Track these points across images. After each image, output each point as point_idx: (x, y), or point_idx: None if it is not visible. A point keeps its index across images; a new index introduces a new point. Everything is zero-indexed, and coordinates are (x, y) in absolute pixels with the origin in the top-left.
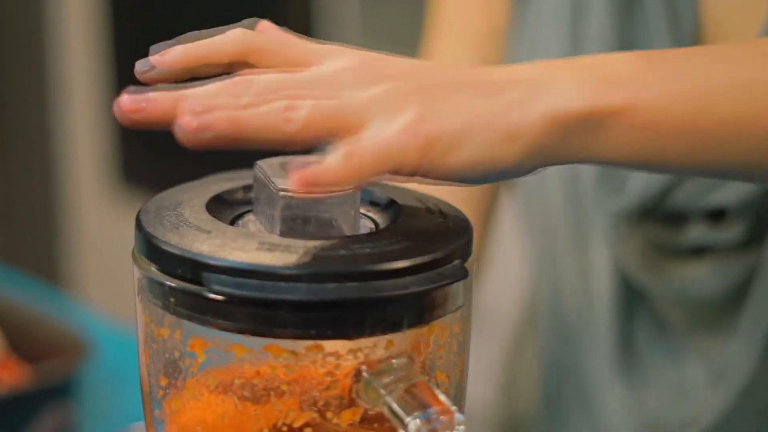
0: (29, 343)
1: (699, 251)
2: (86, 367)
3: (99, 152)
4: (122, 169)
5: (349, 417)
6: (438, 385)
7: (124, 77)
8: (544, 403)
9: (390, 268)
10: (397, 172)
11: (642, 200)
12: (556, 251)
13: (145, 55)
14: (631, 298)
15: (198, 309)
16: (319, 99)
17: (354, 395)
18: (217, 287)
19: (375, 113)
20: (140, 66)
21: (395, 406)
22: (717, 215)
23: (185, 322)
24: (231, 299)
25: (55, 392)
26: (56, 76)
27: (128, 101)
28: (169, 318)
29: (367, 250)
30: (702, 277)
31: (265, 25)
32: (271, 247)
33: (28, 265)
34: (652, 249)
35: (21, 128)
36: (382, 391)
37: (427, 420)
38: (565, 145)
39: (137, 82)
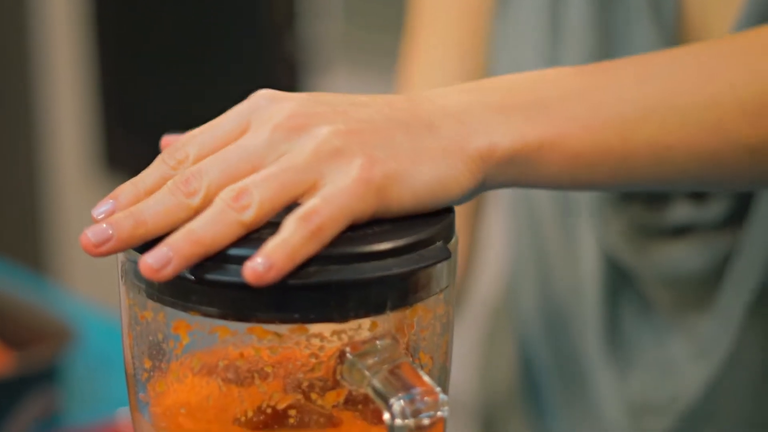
0: (13, 329)
1: (681, 231)
2: (71, 353)
3: (82, 139)
4: (105, 155)
5: (333, 398)
6: (422, 367)
7: (106, 63)
8: (525, 387)
9: (372, 250)
10: (357, 220)
11: None
12: (541, 234)
13: (128, 44)
14: (617, 280)
15: (181, 293)
16: (264, 172)
17: (338, 377)
18: (199, 272)
19: (322, 165)
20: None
21: (379, 387)
22: (699, 194)
23: (167, 302)
24: (213, 284)
25: (40, 378)
26: (39, 63)
27: (92, 237)
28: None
29: (349, 232)
30: (684, 256)
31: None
32: (253, 231)
33: (12, 251)
34: (636, 230)
35: (3, 115)
36: (367, 373)
37: (411, 401)
38: (502, 176)
39: (119, 66)
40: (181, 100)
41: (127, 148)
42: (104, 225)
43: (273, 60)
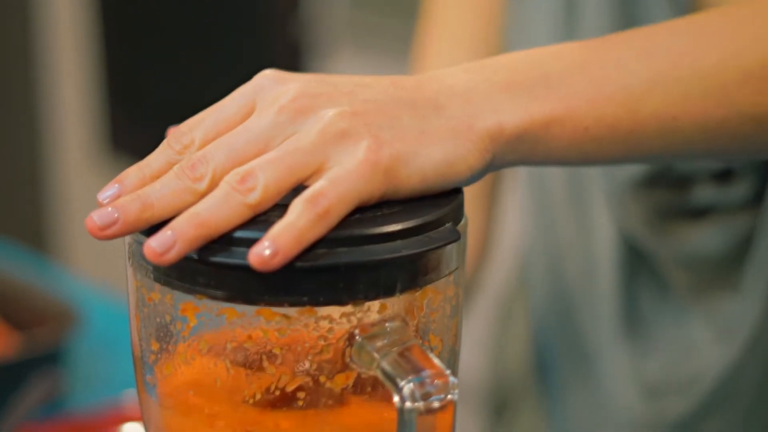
0: (18, 312)
1: (703, 212)
2: (75, 336)
3: (86, 122)
4: (109, 136)
5: (342, 381)
6: (432, 349)
7: (110, 45)
8: (537, 370)
9: (381, 232)
10: (364, 203)
11: (650, 167)
12: (555, 217)
13: (132, 28)
14: (634, 262)
15: (188, 276)
16: (269, 155)
17: (347, 359)
18: (206, 254)
19: (328, 147)
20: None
21: (389, 370)
22: (723, 175)
23: (174, 285)
24: (221, 267)
25: (44, 360)
26: (42, 44)
27: (98, 220)
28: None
29: (357, 214)
30: (706, 237)
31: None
32: (261, 214)
33: (17, 234)
34: (656, 212)
35: (8, 98)
36: (376, 355)
37: (421, 383)
38: (510, 154)
39: (123, 50)
40: (185, 83)
41: (130, 131)
42: (110, 208)
43: (277, 43)
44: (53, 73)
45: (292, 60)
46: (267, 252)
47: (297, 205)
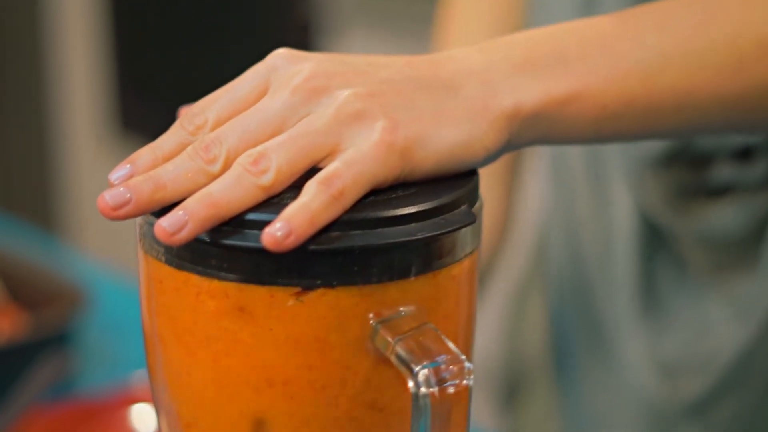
0: (26, 292)
1: (723, 191)
2: (84, 316)
3: (96, 101)
4: (119, 117)
5: None
6: (446, 334)
7: (120, 24)
8: (553, 351)
9: (396, 215)
10: (379, 185)
11: (669, 144)
12: (573, 196)
13: (143, 6)
14: (653, 241)
15: (199, 258)
16: (283, 137)
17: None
18: (219, 236)
19: (343, 129)
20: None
21: (404, 355)
22: (743, 154)
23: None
24: (233, 249)
25: (53, 341)
26: (52, 23)
27: (110, 201)
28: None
29: (372, 197)
30: (726, 216)
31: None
32: (274, 196)
33: (26, 213)
34: (676, 191)
35: (17, 76)
36: (390, 340)
37: (437, 369)
38: (527, 133)
39: (133, 29)
40: (194, 63)
41: (140, 110)
42: (122, 188)
43: (287, 23)
44: (62, 52)
45: (301, 39)
46: (280, 233)
47: (311, 187)
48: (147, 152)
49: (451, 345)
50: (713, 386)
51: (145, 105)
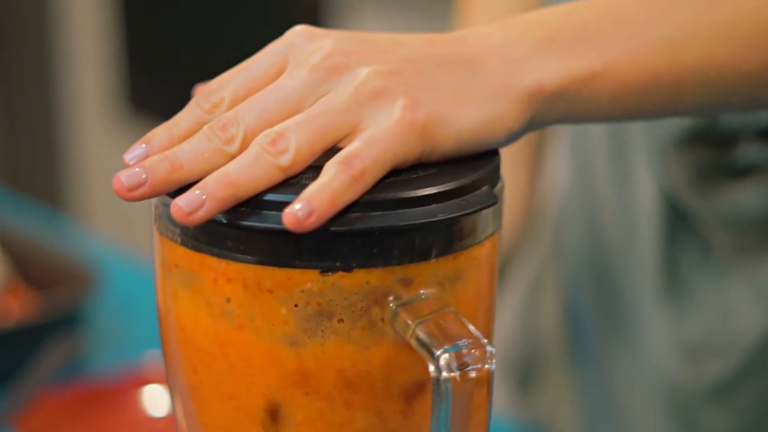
0: (37, 272)
1: (747, 171)
2: (95, 296)
3: (105, 79)
4: (129, 96)
5: None
6: (467, 317)
7: (130, 2)
8: (571, 333)
9: (416, 195)
10: (400, 165)
11: (694, 123)
12: (594, 177)
13: None
14: (676, 222)
15: (216, 240)
16: (302, 116)
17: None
18: (236, 217)
19: (363, 108)
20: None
21: (424, 339)
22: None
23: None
24: (251, 230)
25: (64, 321)
26: (61, 3)
27: (125, 181)
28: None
29: (392, 177)
30: (749, 197)
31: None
32: (293, 176)
33: (36, 193)
34: (699, 171)
35: (26, 55)
36: (410, 323)
37: (458, 353)
38: (549, 112)
39: (143, 7)
40: (204, 42)
41: (150, 89)
42: (138, 169)
43: (298, 1)
44: (72, 31)
45: (312, 18)
46: (301, 213)
47: (331, 167)
48: (162, 131)
49: (472, 328)
50: (736, 369)
51: (155, 84)
